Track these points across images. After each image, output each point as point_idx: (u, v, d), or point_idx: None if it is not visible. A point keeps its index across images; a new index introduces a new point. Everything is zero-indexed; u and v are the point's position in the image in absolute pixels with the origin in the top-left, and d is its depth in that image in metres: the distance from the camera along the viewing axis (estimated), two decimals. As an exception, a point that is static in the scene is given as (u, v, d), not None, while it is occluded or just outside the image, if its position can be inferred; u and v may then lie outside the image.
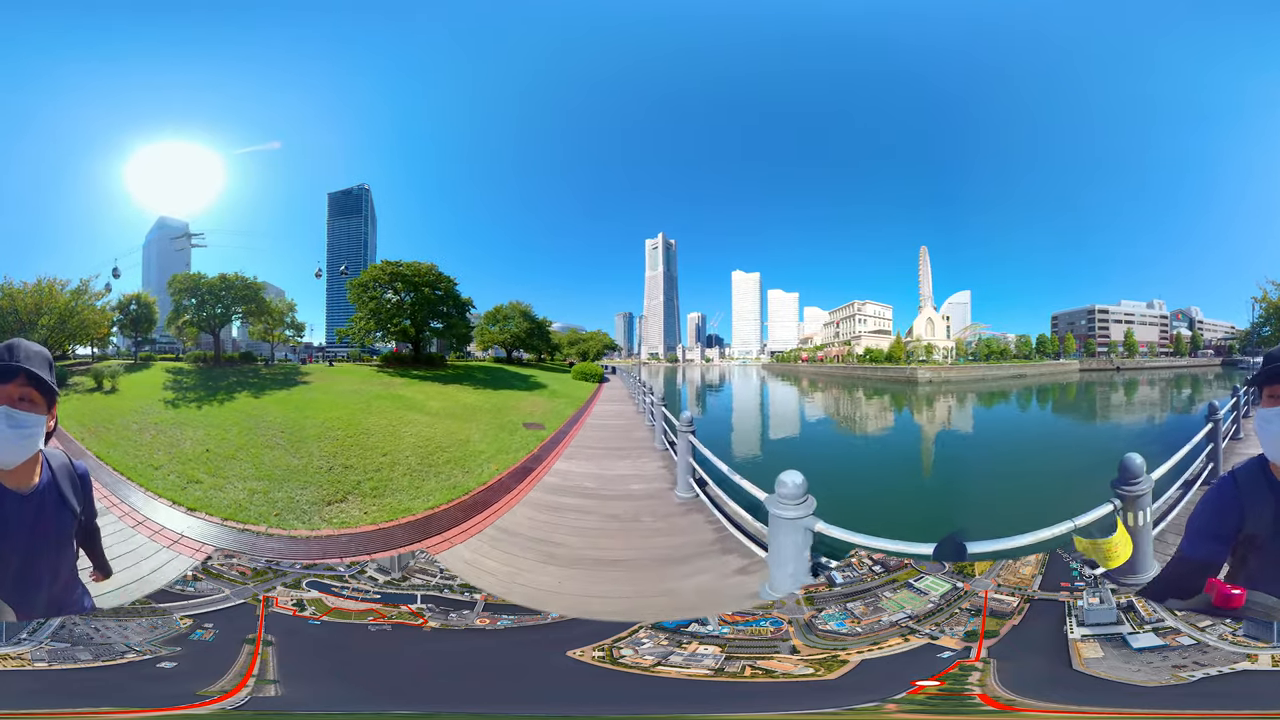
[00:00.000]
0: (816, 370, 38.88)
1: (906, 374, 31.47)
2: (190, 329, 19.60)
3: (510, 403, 18.32)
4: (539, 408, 18.35)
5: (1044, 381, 33.46)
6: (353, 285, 21.96)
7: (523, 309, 28.45)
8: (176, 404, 13.69)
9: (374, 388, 17.89)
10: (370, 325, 21.53)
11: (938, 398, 29.91)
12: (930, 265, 36.02)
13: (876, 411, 28.69)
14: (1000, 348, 33.88)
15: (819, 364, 38.95)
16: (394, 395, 17.01)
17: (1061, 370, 34.01)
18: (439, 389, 19.33)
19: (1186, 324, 35.05)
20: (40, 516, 2.09)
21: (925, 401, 29.39)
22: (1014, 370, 33.28)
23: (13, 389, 1.96)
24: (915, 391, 30.30)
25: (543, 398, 20.25)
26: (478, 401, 17.85)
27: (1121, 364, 33.58)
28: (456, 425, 14.06)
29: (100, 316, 16.81)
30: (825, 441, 22.08)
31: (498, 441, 12.63)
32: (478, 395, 19.22)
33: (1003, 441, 21.13)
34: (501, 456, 11.35)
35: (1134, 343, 33.85)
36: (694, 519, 6.37)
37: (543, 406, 18.70)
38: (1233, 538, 2.06)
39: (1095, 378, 33.05)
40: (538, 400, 19.89)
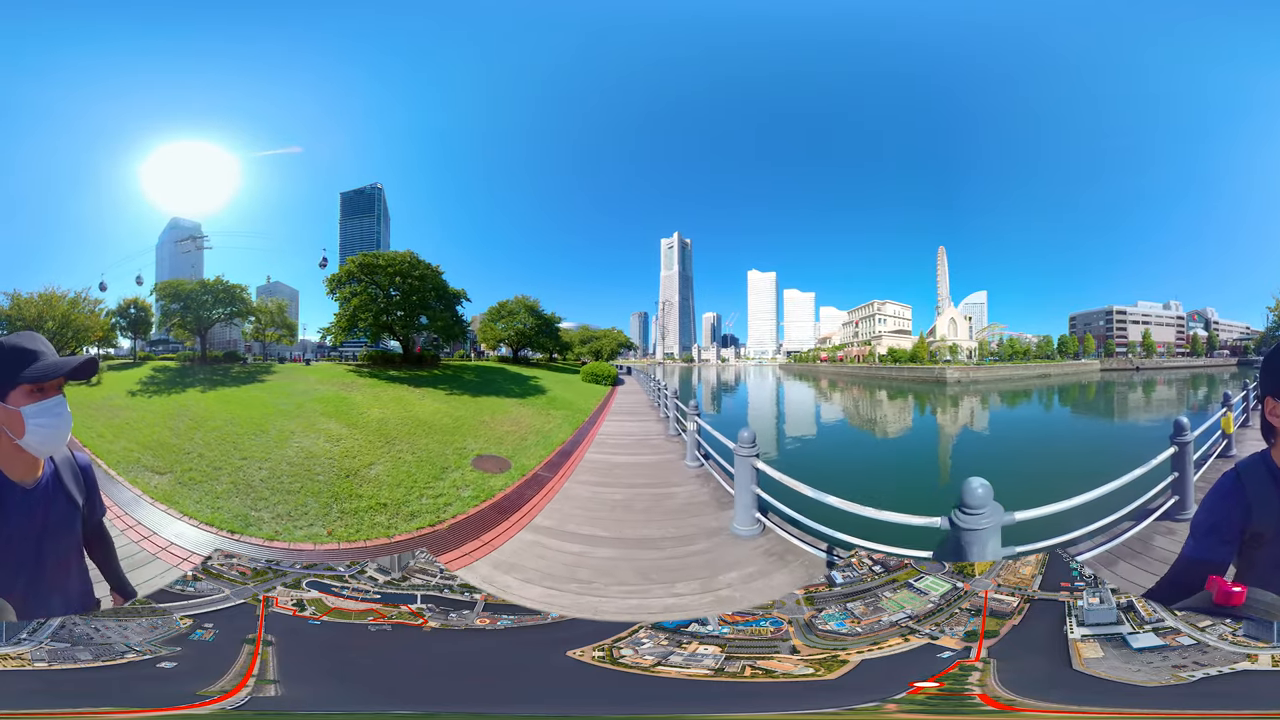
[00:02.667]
0: (837, 370, 38.28)
1: (935, 374, 31.29)
2: (178, 331, 20.29)
3: (483, 416, 14.62)
4: (521, 426, 13.75)
5: (1067, 381, 33.36)
6: (329, 281, 20.46)
7: (528, 304, 25.92)
8: (135, 394, 15.25)
9: (328, 389, 16.54)
10: (343, 323, 20.03)
11: (963, 397, 29.53)
12: (948, 265, 35.90)
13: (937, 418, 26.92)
14: (1023, 348, 33.82)
15: (839, 364, 38.34)
16: (338, 398, 15.35)
17: (1083, 370, 33.96)
18: (402, 393, 16.82)
19: (1202, 324, 35.07)
20: (47, 510, 2.08)
21: (952, 402, 28.80)
22: (1038, 370, 33.21)
23: (59, 377, 2.00)
24: (944, 391, 30.01)
25: (535, 409, 16.25)
26: (438, 413, 14.43)
27: (1140, 364, 33.62)
28: (365, 447, 10.73)
29: (95, 321, 18.39)
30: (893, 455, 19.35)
31: (399, 489, 8.41)
32: (447, 404, 16.05)
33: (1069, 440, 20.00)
34: (368, 523, 7.23)
35: (1152, 343, 33.90)
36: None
37: (528, 424, 14.09)
38: (1239, 536, 2.00)
39: (1115, 377, 33.03)
40: (525, 413, 15.46)
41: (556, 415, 15.40)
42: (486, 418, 14.50)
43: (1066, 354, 34.53)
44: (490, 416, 14.70)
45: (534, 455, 10.68)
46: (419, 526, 7.24)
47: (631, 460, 10.06)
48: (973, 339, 34.41)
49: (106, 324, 19.11)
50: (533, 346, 27.43)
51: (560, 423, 14.42)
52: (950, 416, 26.66)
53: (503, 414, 15.17)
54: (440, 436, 12.08)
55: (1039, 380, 33.16)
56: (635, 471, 9.15)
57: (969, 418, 26.63)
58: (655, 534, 6.22)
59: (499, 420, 14.34)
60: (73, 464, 2.24)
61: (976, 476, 4.01)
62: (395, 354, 21.80)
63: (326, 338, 22.43)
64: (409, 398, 16.34)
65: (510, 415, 15.08)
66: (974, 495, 3.94)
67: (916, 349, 34.05)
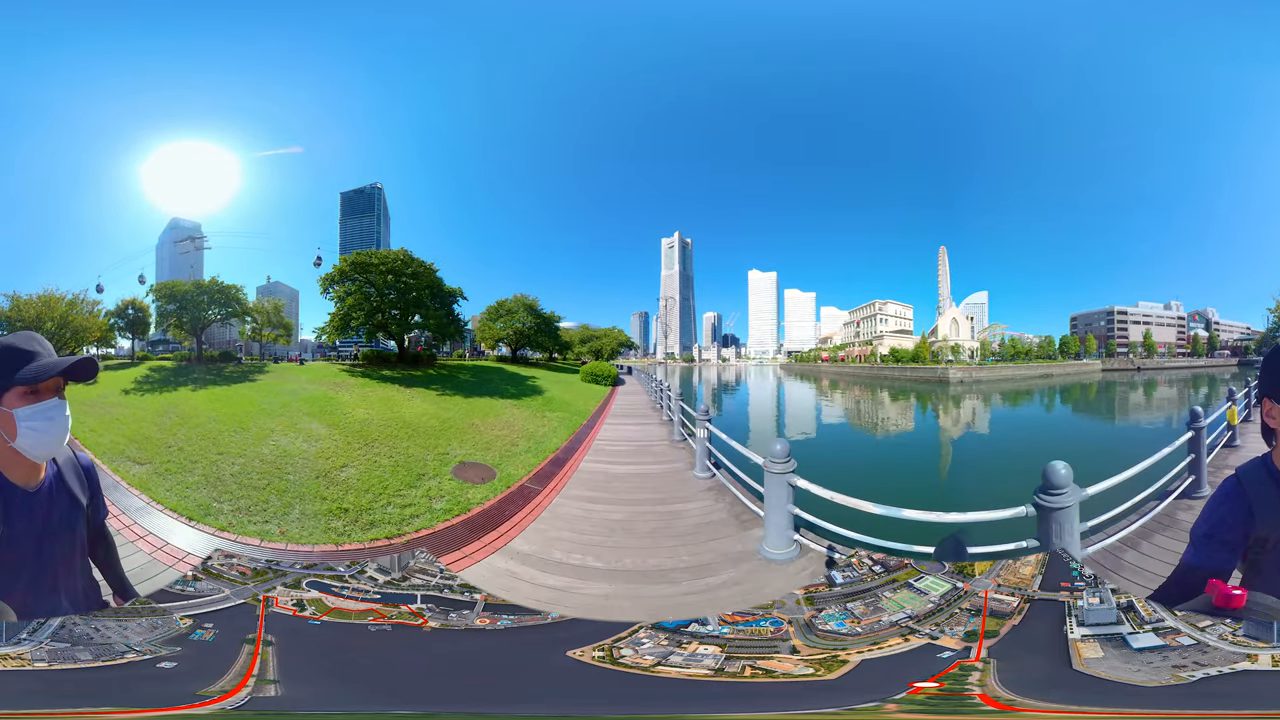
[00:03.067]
0: (839, 370, 38.09)
1: (938, 374, 31.31)
2: (175, 331, 20.69)
3: (473, 419, 14.12)
4: (513, 430, 13.18)
5: (1068, 381, 33.38)
6: (323, 280, 20.13)
7: (527, 302, 25.40)
8: (128, 392, 15.50)
9: (317, 388, 16.47)
10: (336, 323, 19.74)
11: (965, 397, 29.37)
12: (949, 265, 35.88)
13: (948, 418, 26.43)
14: (1025, 348, 33.87)
15: (840, 364, 38.15)
16: (325, 397, 15.22)
17: (1085, 370, 34.07)
18: (391, 393, 16.53)
19: (1203, 325, 35.12)
20: (51, 512, 2.07)
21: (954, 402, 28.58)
22: (1041, 370, 33.29)
23: (57, 379, 1.97)
24: (947, 391, 29.93)
25: (529, 410, 15.74)
26: (427, 415, 14.08)
27: (1142, 364, 33.79)
28: (342, 448, 10.51)
29: (92, 322, 18.98)
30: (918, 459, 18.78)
31: (366, 494, 8.02)
32: (437, 404, 15.70)
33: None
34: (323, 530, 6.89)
35: (1153, 343, 34.01)
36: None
37: (520, 427, 13.49)
38: (1242, 543, 1.95)
39: (1117, 377, 33.08)
40: (519, 415, 14.95)
41: (552, 418, 14.82)
42: (477, 420, 13.98)
43: (1068, 354, 34.60)
44: (481, 419, 14.12)
45: (523, 464, 10.07)
46: (374, 538, 6.78)
47: (633, 470, 9.36)
48: (974, 339, 34.40)
49: (105, 324, 19.60)
50: (532, 346, 26.84)
51: (555, 426, 13.80)
52: (952, 417, 26.50)
53: (494, 416, 14.62)
54: (423, 440, 11.64)
55: (1041, 380, 33.21)
56: (638, 484, 8.42)
57: (970, 417, 26.49)
58: (667, 563, 5.37)
59: (489, 424, 13.74)
60: (76, 465, 2.22)
61: (1058, 460, 4.27)
62: (391, 353, 21.46)
63: (321, 337, 22.33)
64: (398, 398, 16.10)
65: (502, 418, 14.49)
66: (1058, 476, 4.22)
67: (919, 349, 34.01)
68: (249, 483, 8.62)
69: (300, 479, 8.85)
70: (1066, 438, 21.37)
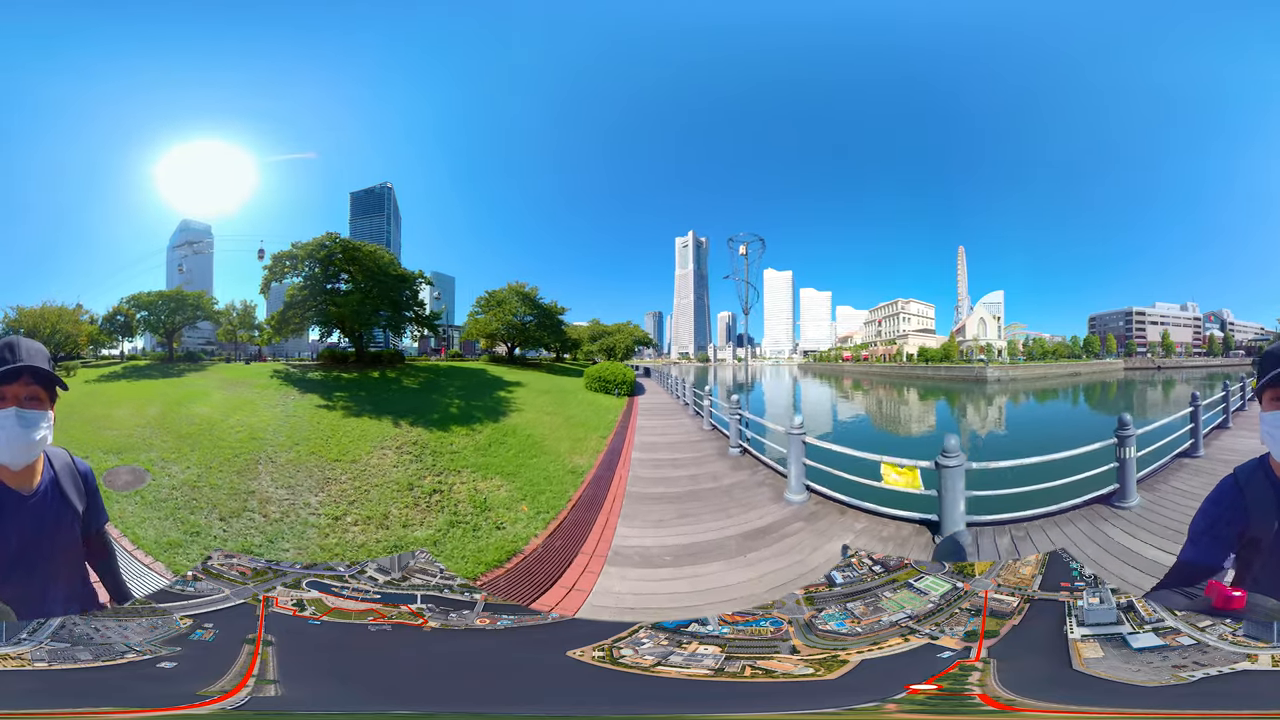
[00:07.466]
0: (864, 370, 37.72)
1: (974, 373, 31.32)
2: (154, 334, 22.53)
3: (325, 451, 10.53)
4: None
5: (1094, 379, 33.61)
6: (263, 280, 18.68)
7: (523, 291, 21.02)
8: (89, 381, 17.96)
9: (208, 386, 17.15)
10: (273, 323, 18.52)
11: (998, 396, 29.27)
12: (967, 265, 35.92)
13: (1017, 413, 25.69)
14: (1051, 347, 34.20)
15: (864, 364, 37.78)
16: (196, 395, 16.03)
17: (1108, 369, 34.46)
18: (289, 398, 14.89)
19: (1219, 325, 35.43)
20: (45, 517, 2.07)
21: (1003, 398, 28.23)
22: (1070, 369, 33.65)
23: (19, 388, 1.94)
24: (984, 390, 29.87)
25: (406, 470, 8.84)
26: (226, 425, 12.70)
27: (1161, 363, 34.31)
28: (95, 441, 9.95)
29: (78, 329, 20.97)
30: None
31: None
32: (310, 420, 13.32)
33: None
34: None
35: (1170, 343, 34.42)
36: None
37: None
38: (1236, 541, 2.02)
39: (1138, 376, 33.48)
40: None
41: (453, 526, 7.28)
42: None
43: (1092, 353, 35.10)
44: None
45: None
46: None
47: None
48: (1002, 338, 34.59)
49: (94, 330, 21.52)
50: (531, 343, 22.82)
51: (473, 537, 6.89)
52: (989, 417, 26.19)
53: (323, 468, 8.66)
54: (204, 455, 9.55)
55: (1070, 378, 33.51)
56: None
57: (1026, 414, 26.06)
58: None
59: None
60: (73, 471, 2.24)
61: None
62: (349, 353, 19.49)
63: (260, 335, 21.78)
64: (257, 404, 14.30)
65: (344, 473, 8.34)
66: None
67: (947, 348, 34.02)
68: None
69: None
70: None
